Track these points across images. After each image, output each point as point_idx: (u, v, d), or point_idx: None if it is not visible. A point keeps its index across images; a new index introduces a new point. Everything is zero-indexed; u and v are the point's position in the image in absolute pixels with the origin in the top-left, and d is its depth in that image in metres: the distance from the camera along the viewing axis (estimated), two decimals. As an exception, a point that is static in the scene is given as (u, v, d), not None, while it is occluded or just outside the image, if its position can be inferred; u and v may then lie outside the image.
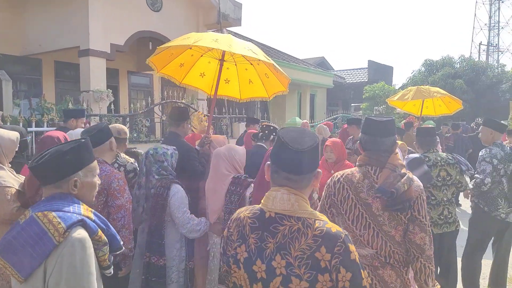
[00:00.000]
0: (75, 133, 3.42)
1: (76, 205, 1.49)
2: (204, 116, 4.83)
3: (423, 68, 19.83)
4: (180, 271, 2.79)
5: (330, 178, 2.15)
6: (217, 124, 8.85)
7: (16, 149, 2.63)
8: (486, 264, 4.27)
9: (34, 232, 1.38)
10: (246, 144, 4.39)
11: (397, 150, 2.17)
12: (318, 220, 1.34)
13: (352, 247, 1.31)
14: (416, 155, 3.62)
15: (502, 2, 40.98)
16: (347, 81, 22.01)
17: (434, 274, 2.04)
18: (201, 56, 3.69)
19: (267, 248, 1.34)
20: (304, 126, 7.44)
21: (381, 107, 16.95)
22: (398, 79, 49.62)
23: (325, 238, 1.29)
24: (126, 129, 3.46)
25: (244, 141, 4.76)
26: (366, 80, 21.04)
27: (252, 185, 2.74)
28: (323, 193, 2.17)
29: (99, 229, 1.50)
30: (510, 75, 16.79)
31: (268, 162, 1.45)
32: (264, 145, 3.93)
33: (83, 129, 3.53)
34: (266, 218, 1.37)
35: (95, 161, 1.65)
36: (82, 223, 1.44)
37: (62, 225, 1.38)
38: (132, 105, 7.32)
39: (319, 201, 2.25)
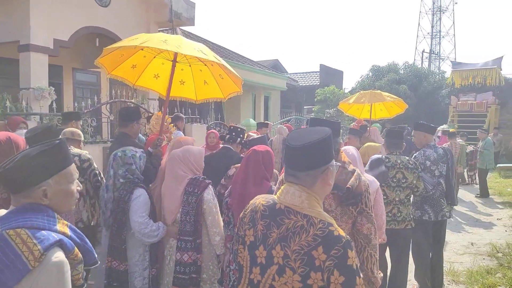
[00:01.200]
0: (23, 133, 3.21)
1: (51, 219, 1.31)
2: (168, 117, 4.73)
3: (370, 73, 20.71)
4: (145, 278, 2.72)
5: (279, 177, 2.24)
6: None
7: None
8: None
9: (5, 255, 1.20)
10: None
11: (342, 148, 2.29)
12: (323, 221, 1.37)
13: (351, 253, 1.31)
14: (378, 156, 3.77)
15: (443, 13, 43.82)
16: (300, 84, 22.51)
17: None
18: (154, 57, 3.64)
19: (271, 236, 1.42)
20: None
21: (332, 109, 17.50)
22: (348, 83, 51.75)
23: (324, 238, 1.32)
24: (79, 131, 3.39)
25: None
26: (318, 83, 21.65)
27: (211, 186, 2.78)
28: None
29: (75, 247, 1.34)
30: (450, 81, 17.97)
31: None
32: (231, 147, 3.93)
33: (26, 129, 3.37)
34: (276, 209, 1.45)
35: (72, 165, 1.44)
36: (59, 243, 1.27)
37: (38, 248, 1.21)
38: (76, 104, 6.96)
39: None
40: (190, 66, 3.72)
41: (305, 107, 22.49)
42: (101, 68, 3.46)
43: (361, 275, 1.35)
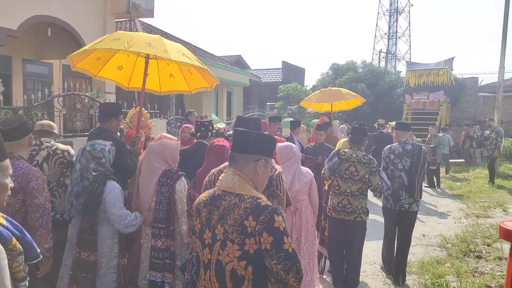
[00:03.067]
0: None
1: None
2: (146, 113, 4.65)
3: (330, 72, 21.14)
4: (111, 267, 2.82)
5: (208, 175, 2.46)
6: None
7: None
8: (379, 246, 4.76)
9: None
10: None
11: None
12: (252, 196, 1.62)
13: (278, 218, 1.55)
14: (336, 149, 4.15)
15: (400, 14, 45.56)
16: (263, 80, 22.60)
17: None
18: (119, 50, 3.55)
19: (213, 219, 1.64)
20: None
21: (294, 106, 17.71)
22: (309, 80, 52.77)
23: (253, 209, 1.56)
24: (53, 124, 3.41)
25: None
26: (280, 80, 21.82)
27: (183, 178, 2.99)
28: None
29: (13, 237, 1.31)
30: (405, 80, 18.71)
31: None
32: (205, 142, 3.94)
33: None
34: (215, 196, 1.69)
35: (6, 160, 1.38)
36: None
37: None
38: (26, 97, 6.55)
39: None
40: (156, 59, 3.69)
41: (267, 103, 22.61)
42: (53, 59, 3.33)
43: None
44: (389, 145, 4.53)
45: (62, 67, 10.61)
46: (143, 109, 4.05)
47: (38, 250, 1.46)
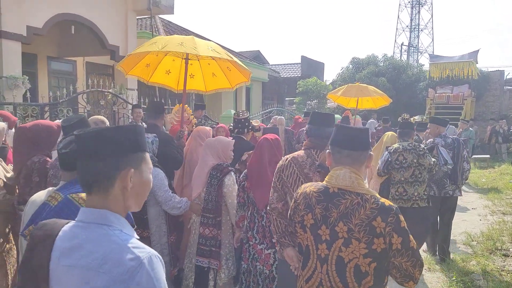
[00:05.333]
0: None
1: None
2: (188, 109, 5.03)
3: (350, 66, 20.84)
4: (163, 244, 3.09)
5: (281, 159, 2.64)
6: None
7: (3, 139, 2.84)
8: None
9: (71, 210, 1.50)
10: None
11: None
12: (373, 196, 1.68)
13: (401, 218, 1.64)
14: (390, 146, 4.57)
15: (422, 6, 44.49)
16: (282, 76, 22.47)
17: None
18: (165, 55, 4.01)
19: (331, 217, 1.70)
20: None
21: (313, 101, 17.58)
22: (329, 75, 52.05)
23: (380, 210, 1.63)
24: (104, 119, 3.65)
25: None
26: (300, 75, 21.65)
27: (233, 173, 3.20)
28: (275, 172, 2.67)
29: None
30: (427, 74, 18.29)
31: (328, 151, 1.82)
32: (243, 136, 4.36)
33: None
34: (330, 193, 1.72)
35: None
36: None
37: None
38: (51, 93, 6.73)
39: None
40: (198, 60, 4.09)
41: (286, 98, 22.50)
42: (76, 56, 3.49)
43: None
44: (432, 139, 5.02)
45: (86, 64, 10.84)
46: (186, 105, 4.35)
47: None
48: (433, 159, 4.31)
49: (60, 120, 3.40)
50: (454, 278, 4.26)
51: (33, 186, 2.51)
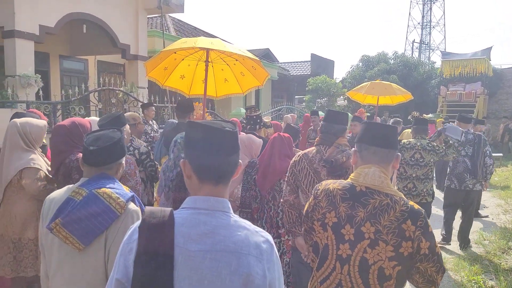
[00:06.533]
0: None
1: (119, 184, 1.75)
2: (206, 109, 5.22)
3: (360, 64, 20.68)
4: None
5: (295, 156, 2.80)
6: (159, 114, 8.57)
7: (44, 135, 3.00)
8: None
9: (97, 206, 1.61)
10: None
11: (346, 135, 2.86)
12: (402, 198, 1.63)
13: (429, 222, 1.61)
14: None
15: (434, 3, 43.87)
16: (291, 74, 22.39)
17: None
18: (182, 60, 4.16)
19: (357, 216, 1.62)
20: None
21: (323, 99, 17.50)
22: (338, 73, 51.66)
23: (410, 213, 1.58)
24: (137, 114, 3.87)
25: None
26: (309, 73, 21.55)
27: None
28: (288, 167, 2.79)
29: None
30: (439, 71, 18.06)
31: (354, 149, 1.77)
32: (255, 133, 4.41)
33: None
34: (357, 191, 1.65)
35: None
36: (132, 198, 1.72)
37: (121, 200, 1.65)
38: (64, 92, 6.82)
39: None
40: (212, 66, 4.20)
41: (296, 96, 22.44)
42: (88, 55, 3.60)
43: None
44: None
45: (97, 63, 10.95)
46: (201, 103, 4.57)
47: None
48: (449, 149, 4.41)
49: (91, 118, 3.57)
50: (465, 277, 4.21)
51: (72, 183, 2.57)
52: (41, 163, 2.84)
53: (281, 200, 2.81)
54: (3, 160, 2.82)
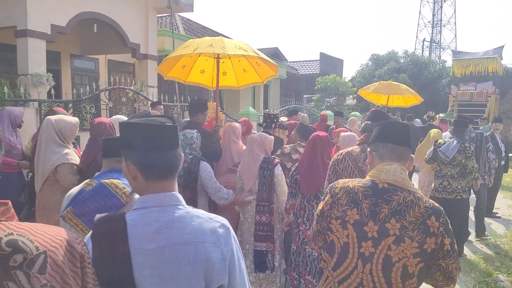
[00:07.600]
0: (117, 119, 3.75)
1: None
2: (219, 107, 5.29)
3: (370, 63, 20.55)
4: None
5: (336, 154, 2.88)
6: (168, 112, 8.61)
7: (76, 132, 3.13)
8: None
9: (105, 194, 1.73)
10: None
11: None
12: (422, 195, 1.65)
13: (448, 219, 1.63)
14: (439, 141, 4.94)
15: (445, 1, 43.39)
16: (300, 73, 22.33)
17: None
18: (199, 56, 4.30)
19: (381, 212, 1.61)
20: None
21: (332, 98, 17.43)
22: (348, 72, 51.22)
23: (433, 210, 1.60)
24: (158, 113, 4.01)
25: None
26: (318, 72, 21.47)
27: (279, 164, 3.45)
28: (329, 166, 2.87)
29: None
30: (450, 71, 17.86)
31: (369, 149, 1.81)
32: (270, 131, 4.60)
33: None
34: (380, 188, 1.65)
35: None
36: None
37: (127, 189, 1.76)
38: (75, 91, 6.89)
39: None
40: (230, 58, 4.33)
41: (305, 95, 22.37)
42: (98, 54, 3.65)
43: None
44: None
45: (107, 62, 11.04)
46: (213, 103, 4.60)
47: None
48: (475, 165, 4.62)
49: (116, 116, 3.74)
50: (476, 279, 4.17)
51: None
52: (76, 157, 2.98)
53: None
54: (39, 155, 2.96)
